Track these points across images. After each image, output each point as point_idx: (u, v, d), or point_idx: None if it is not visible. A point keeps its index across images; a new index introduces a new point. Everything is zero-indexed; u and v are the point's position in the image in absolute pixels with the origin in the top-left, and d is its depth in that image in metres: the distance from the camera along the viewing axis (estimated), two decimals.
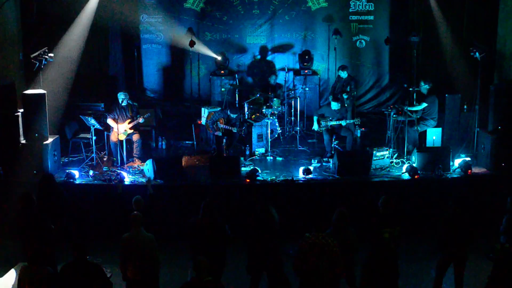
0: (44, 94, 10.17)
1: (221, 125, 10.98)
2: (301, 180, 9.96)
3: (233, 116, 11.06)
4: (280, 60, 14.33)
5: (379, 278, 6.59)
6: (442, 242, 7.26)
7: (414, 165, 10.19)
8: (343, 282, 7.13)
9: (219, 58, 13.71)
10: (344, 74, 12.50)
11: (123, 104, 10.73)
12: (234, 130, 10.97)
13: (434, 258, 7.69)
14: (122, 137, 10.66)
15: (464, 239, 7.26)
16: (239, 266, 7.65)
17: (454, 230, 7.17)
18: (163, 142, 12.00)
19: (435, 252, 7.52)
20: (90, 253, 6.53)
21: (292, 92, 13.12)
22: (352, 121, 11.16)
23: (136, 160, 10.75)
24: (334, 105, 11.03)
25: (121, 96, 10.73)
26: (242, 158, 10.78)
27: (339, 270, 6.36)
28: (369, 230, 7.00)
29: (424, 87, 11.08)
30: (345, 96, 12.15)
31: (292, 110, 12.70)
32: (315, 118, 11.21)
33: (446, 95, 11.62)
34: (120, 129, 10.59)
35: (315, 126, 11.14)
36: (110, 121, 10.68)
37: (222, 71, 13.87)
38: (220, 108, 11.89)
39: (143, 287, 6.82)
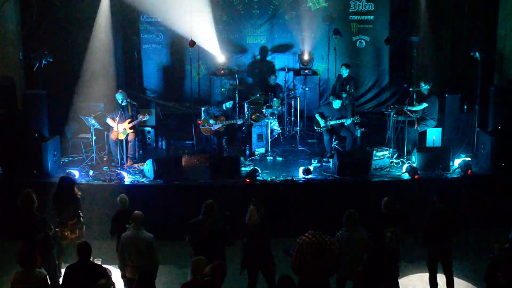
0: (44, 94, 10.17)
1: (222, 123, 11.00)
2: (301, 180, 9.96)
3: (229, 106, 11.08)
4: (280, 60, 14.32)
5: (380, 277, 6.60)
6: (426, 238, 7.37)
7: (414, 165, 10.19)
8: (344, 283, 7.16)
9: (221, 59, 13.72)
10: (345, 73, 12.50)
11: (122, 104, 10.73)
12: (240, 121, 11.03)
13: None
14: (122, 137, 10.66)
15: (448, 234, 7.36)
16: (239, 266, 7.65)
17: (439, 225, 7.27)
18: (163, 142, 12.00)
19: (423, 247, 7.59)
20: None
21: (292, 92, 13.11)
22: (352, 119, 11.15)
23: (129, 160, 10.74)
24: (336, 104, 11.01)
25: (119, 96, 10.72)
26: (242, 158, 10.78)
27: (334, 266, 6.39)
28: (370, 229, 7.02)
29: (425, 88, 11.06)
30: (344, 95, 12.15)
31: (292, 110, 12.70)
32: (317, 115, 11.18)
33: (446, 95, 11.61)
34: (120, 129, 10.59)
35: (322, 122, 11.06)
36: (109, 121, 10.68)
37: (222, 71, 13.87)
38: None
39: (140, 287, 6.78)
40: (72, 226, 7.95)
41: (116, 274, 7.72)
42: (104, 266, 6.79)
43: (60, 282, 7.31)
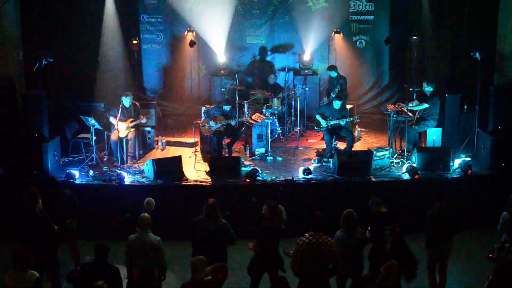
0: (44, 94, 10.17)
1: (220, 123, 11.00)
2: (301, 180, 9.96)
3: (227, 108, 11.10)
4: (280, 60, 14.32)
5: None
6: (430, 239, 7.41)
7: (414, 165, 10.19)
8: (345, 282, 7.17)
9: (221, 59, 13.72)
10: (333, 74, 12.45)
11: (127, 105, 10.76)
12: (232, 123, 11.03)
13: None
14: (124, 134, 10.68)
15: (449, 234, 7.40)
16: (239, 266, 7.66)
17: (440, 225, 7.31)
18: (163, 142, 12.01)
19: (426, 248, 7.59)
20: (88, 252, 6.51)
21: (292, 92, 13.11)
22: (351, 118, 11.14)
23: (129, 159, 10.72)
24: (336, 104, 11.00)
25: (126, 98, 10.74)
26: (242, 158, 10.77)
27: (334, 267, 6.39)
28: (370, 229, 7.03)
29: (427, 89, 11.04)
30: (332, 95, 12.10)
31: (292, 110, 12.70)
32: (317, 116, 11.17)
33: (446, 95, 11.61)
34: (122, 127, 10.61)
35: (323, 123, 11.04)
36: (112, 119, 10.68)
37: (222, 71, 13.87)
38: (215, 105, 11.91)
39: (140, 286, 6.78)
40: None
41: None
42: None
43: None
